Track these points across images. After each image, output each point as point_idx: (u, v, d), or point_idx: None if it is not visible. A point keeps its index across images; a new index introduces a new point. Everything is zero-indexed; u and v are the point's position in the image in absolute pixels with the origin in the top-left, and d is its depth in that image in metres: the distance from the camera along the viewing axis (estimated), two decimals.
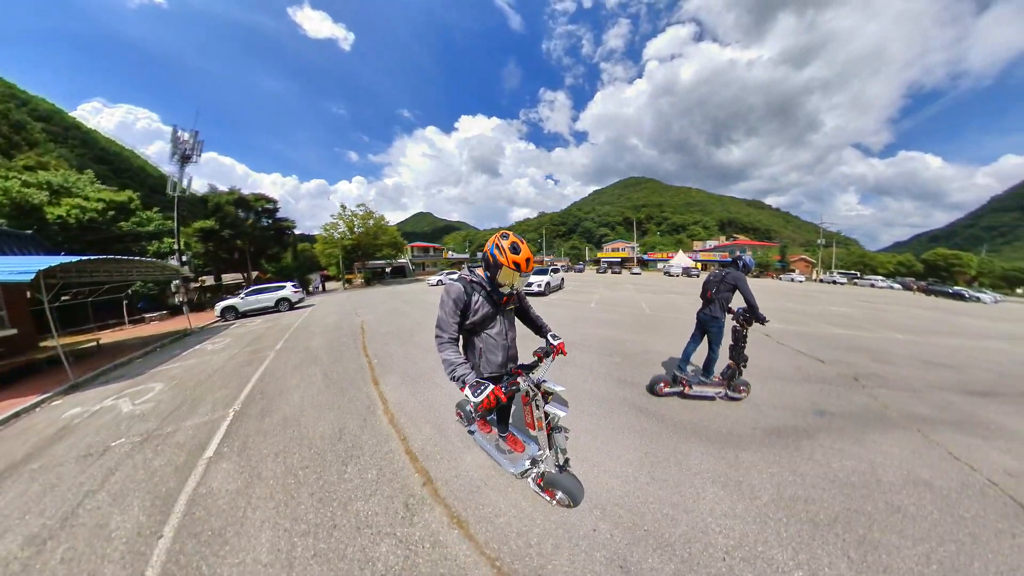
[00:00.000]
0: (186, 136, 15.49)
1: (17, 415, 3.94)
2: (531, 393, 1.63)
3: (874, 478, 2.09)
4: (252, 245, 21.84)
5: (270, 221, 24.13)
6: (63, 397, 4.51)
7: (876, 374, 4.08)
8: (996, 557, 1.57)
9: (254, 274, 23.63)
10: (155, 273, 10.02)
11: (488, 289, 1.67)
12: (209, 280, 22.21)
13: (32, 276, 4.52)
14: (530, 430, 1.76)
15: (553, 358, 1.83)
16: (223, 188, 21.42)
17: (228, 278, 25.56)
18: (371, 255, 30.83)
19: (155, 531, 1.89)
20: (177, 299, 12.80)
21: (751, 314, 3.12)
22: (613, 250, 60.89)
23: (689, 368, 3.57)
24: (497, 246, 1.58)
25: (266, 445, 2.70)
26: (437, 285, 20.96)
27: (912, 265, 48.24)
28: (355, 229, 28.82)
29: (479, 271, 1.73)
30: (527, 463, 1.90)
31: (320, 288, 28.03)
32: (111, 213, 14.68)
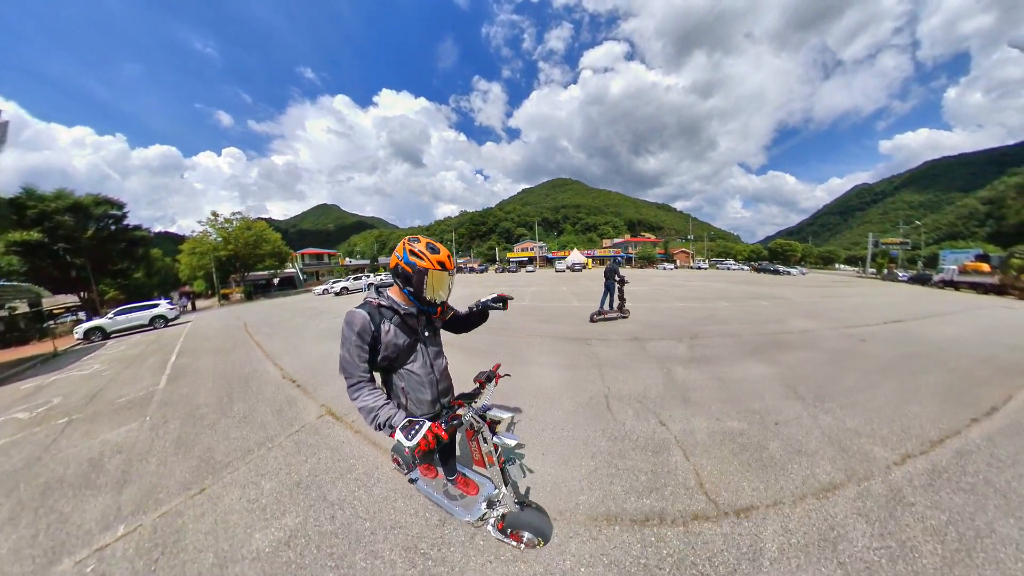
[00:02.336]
0: None
1: None
2: (475, 425, 1.47)
3: (642, 348, 5.30)
4: (92, 260, 19.99)
5: (114, 229, 22.13)
6: None
7: (663, 324, 7.23)
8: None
9: (109, 294, 21.48)
10: None
11: (401, 313, 1.41)
12: (22, 307, 19.25)
13: None
14: (480, 467, 1.61)
15: (496, 382, 1.74)
16: (47, 190, 18.64)
17: (49, 303, 22.04)
18: (251, 267, 29.99)
19: None
20: None
21: (621, 281, 7.53)
22: (523, 250, 69.82)
23: (605, 306, 7.65)
24: (412, 252, 1.36)
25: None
26: (323, 295, 20.89)
27: (760, 252, 70.74)
28: (231, 240, 27.66)
29: (390, 291, 1.47)
30: (483, 506, 1.72)
31: (188, 308, 23.00)
32: None
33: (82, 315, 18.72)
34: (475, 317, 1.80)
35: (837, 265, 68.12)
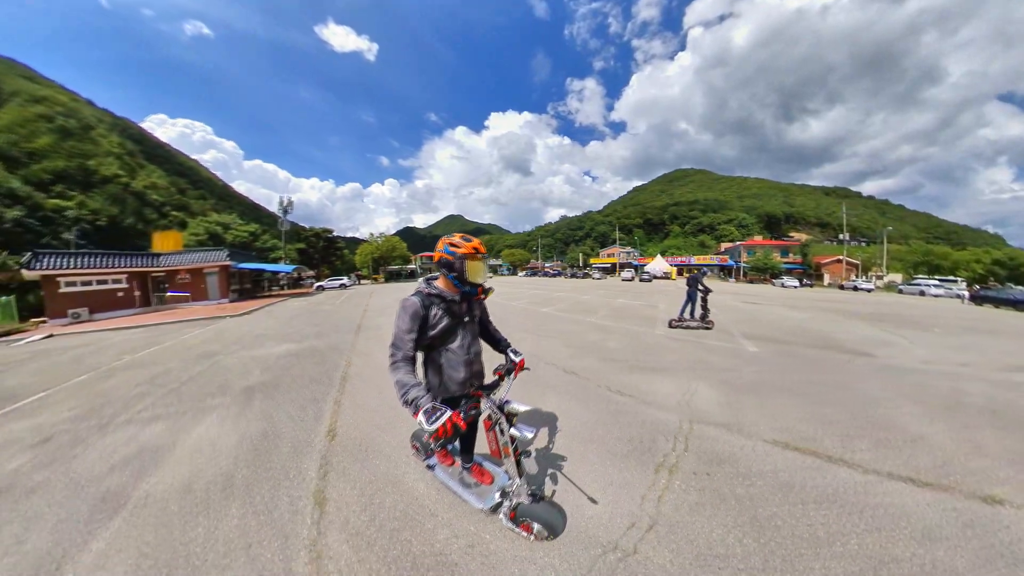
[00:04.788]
0: (285, 201, 32.40)
1: None
2: (493, 416, 1.57)
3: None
4: (321, 256, 40.00)
5: (329, 242, 42.25)
6: None
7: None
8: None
9: (324, 272, 42.29)
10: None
11: (447, 300, 1.65)
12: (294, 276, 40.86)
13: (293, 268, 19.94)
14: (496, 458, 1.69)
15: (515, 376, 1.83)
16: (302, 221, 40.26)
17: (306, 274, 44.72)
18: (388, 263, 50.40)
19: None
20: (281, 283, 29.72)
21: (705, 291, 7.51)
22: (608, 256, 71.58)
23: (686, 314, 7.69)
24: (451, 244, 1.63)
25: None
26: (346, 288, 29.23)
27: (1021, 262, 34.11)
28: (378, 248, 48.79)
29: (437, 282, 1.70)
30: (497, 496, 1.80)
31: (357, 283, 45.69)
32: (250, 237, 32.65)
33: (314, 280, 38.00)
34: (492, 343, 2.00)
35: None
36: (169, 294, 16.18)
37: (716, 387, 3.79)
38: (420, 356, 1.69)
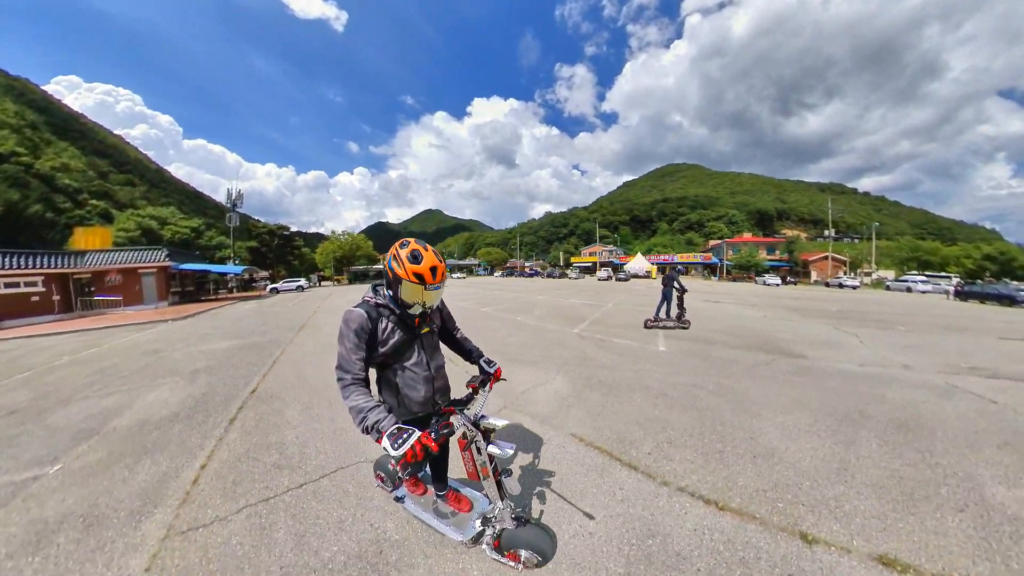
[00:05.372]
0: (234, 193, 32.22)
1: None
2: (468, 434, 1.51)
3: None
4: (275, 255, 39.78)
5: (285, 239, 41.94)
6: None
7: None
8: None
9: (280, 272, 41.71)
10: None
11: (398, 312, 1.54)
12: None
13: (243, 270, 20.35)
14: (474, 481, 1.63)
15: (490, 388, 1.78)
16: (263, 220, 39.58)
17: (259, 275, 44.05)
18: (352, 262, 50.53)
19: None
20: (230, 285, 29.73)
21: (681, 290, 7.97)
22: (590, 254, 74.27)
23: (661, 314, 8.20)
24: (394, 256, 1.45)
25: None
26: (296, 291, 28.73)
27: (1013, 258, 37.70)
28: (341, 247, 48.62)
29: (385, 290, 1.58)
30: (478, 524, 1.73)
31: (317, 284, 45.44)
32: (192, 234, 32.27)
33: (268, 282, 38.05)
34: (462, 354, 1.91)
35: None
36: (98, 298, 16.18)
37: (573, 382, 4.23)
38: (373, 373, 1.59)
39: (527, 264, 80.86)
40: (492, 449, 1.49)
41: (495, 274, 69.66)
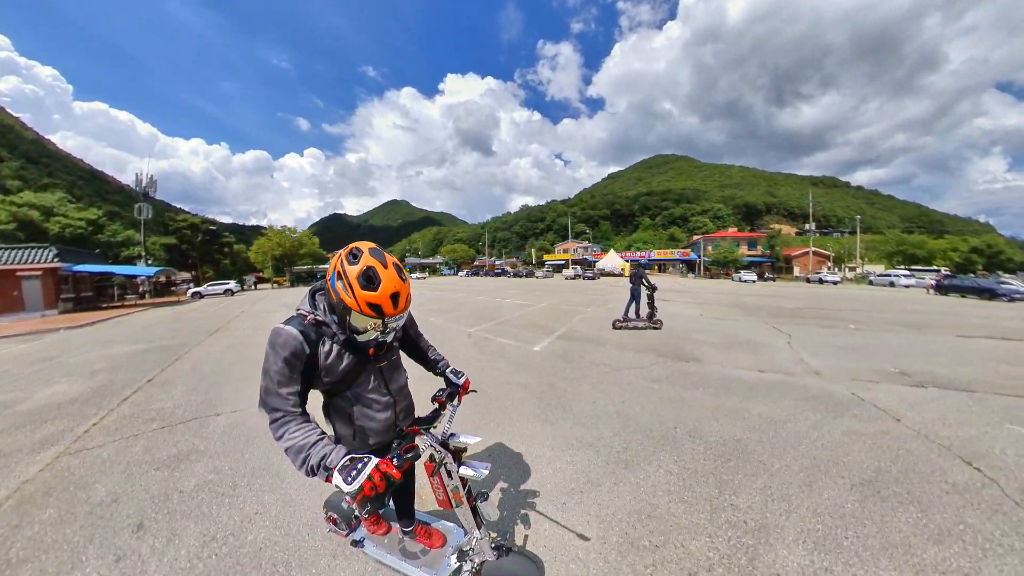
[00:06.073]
0: (145, 179, 31.14)
1: None
2: (437, 456, 1.45)
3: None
4: (200, 254, 38.83)
5: (211, 235, 40.81)
6: None
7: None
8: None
9: (207, 273, 40.35)
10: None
11: (345, 335, 1.34)
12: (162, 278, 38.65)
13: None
14: (446, 509, 1.57)
15: (459, 401, 1.75)
16: (187, 209, 38.34)
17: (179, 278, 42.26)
18: (295, 262, 49.54)
19: None
20: (141, 289, 28.88)
21: (651, 288, 8.36)
22: (564, 251, 76.88)
23: (631, 314, 8.60)
24: (340, 274, 1.20)
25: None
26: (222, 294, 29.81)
27: (1000, 251, 42.61)
28: (281, 244, 47.30)
29: (325, 302, 1.37)
30: (453, 560, 1.70)
31: (252, 287, 44.06)
32: (90, 228, 30.17)
33: (192, 285, 36.05)
34: (426, 364, 1.85)
35: None
36: None
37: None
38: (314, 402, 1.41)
39: (497, 263, 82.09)
40: (464, 471, 1.45)
41: (460, 273, 70.28)
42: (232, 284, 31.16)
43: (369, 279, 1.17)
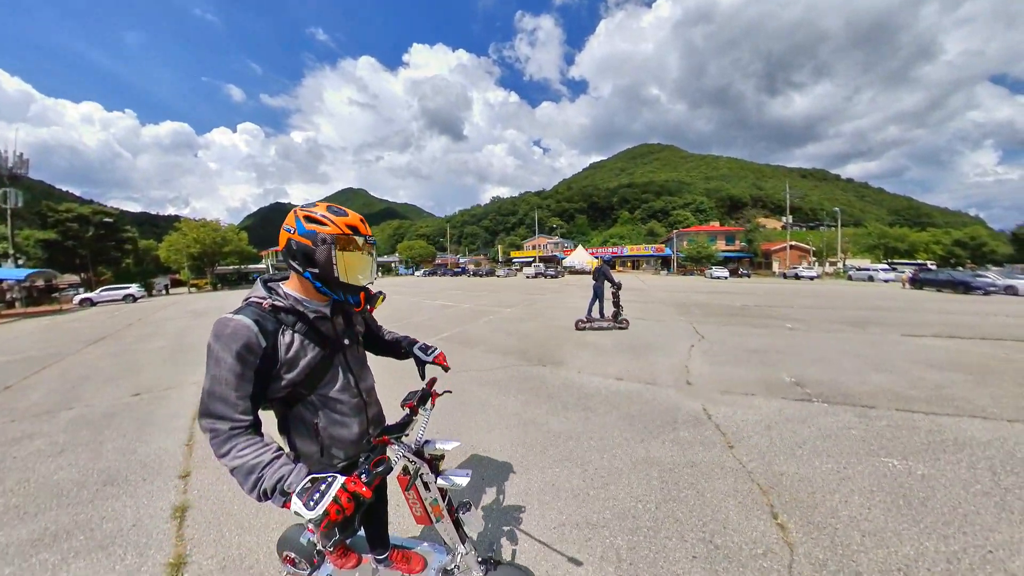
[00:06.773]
0: (12, 155, 28.33)
1: None
2: (411, 467, 1.41)
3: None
4: (92, 252, 36.19)
5: (107, 231, 37.58)
6: None
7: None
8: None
9: (103, 276, 37.27)
10: None
11: (310, 316, 1.31)
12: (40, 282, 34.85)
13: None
14: (425, 525, 1.56)
15: (433, 403, 1.69)
16: (76, 194, 35.51)
17: (62, 281, 38.38)
18: (217, 261, 46.31)
19: None
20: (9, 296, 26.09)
21: (615, 285, 8.54)
22: (533, 248, 77.86)
23: (594, 313, 8.83)
24: (310, 218, 1.25)
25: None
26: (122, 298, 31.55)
27: (983, 243, 45.85)
28: (200, 240, 43.09)
29: (286, 285, 1.36)
30: None
31: (164, 291, 41.24)
32: None
33: (81, 290, 32.28)
34: (393, 351, 1.86)
35: None
36: None
37: None
38: (268, 415, 1.37)
39: (461, 260, 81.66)
40: (443, 481, 1.43)
41: (416, 273, 69.30)
42: (134, 288, 29.18)
43: (335, 211, 1.29)
